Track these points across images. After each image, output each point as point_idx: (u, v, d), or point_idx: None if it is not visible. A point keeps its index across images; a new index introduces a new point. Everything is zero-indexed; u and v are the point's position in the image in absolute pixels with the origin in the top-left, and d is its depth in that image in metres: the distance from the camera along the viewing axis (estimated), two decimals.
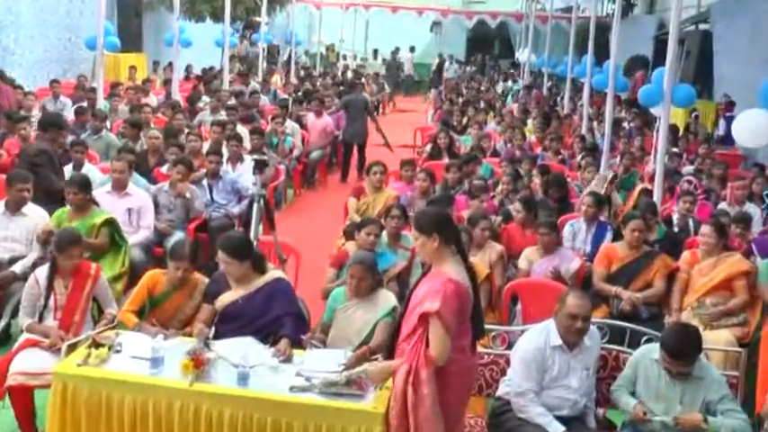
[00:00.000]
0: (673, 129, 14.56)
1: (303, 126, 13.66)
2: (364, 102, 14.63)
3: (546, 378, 4.74)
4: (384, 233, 6.75)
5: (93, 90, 13.13)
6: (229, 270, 5.25)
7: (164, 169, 8.99)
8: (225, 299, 5.27)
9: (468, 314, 4.13)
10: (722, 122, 16.25)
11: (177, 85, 15.35)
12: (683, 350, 4.58)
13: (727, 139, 14.94)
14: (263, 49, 23.11)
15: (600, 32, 15.24)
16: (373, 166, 8.59)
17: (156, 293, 5.54)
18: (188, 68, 21.15)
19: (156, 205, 7.97)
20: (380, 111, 23.46)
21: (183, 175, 8.19)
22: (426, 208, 6.18)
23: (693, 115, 16.73)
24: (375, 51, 30.59)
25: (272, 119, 12.55)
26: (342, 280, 6.03)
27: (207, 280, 5.57)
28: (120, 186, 7.63)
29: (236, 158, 9.87)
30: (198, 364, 4.52)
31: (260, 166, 6.91)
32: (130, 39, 20.34)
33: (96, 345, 4.78)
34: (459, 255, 4.13)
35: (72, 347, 4.91)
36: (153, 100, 14.78)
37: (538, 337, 4.80)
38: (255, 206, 6.72)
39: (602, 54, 14.66)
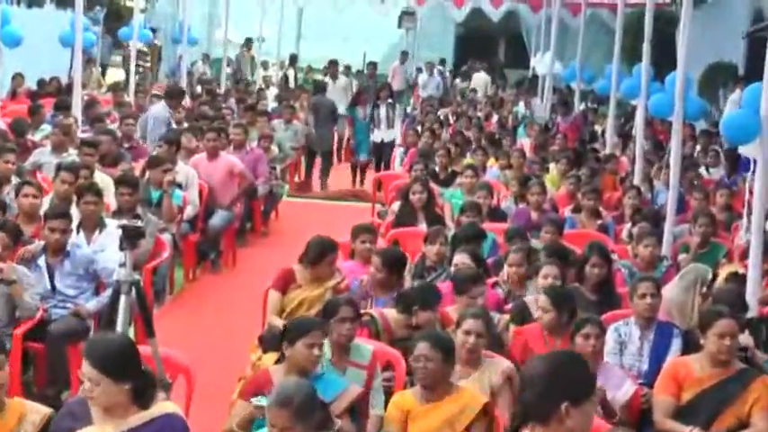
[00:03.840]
0: None
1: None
2: (331, 106, 19.53)
3: None
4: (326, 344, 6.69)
5: None
6: (95, 394, 5.10)
7: None
8: None
9: None
10: None
11: None
12: None
13: None
14: (139, 52, 23.20)
15: (662, 27, 15.49)
16: (329, 252, 8.40)
17: None
18: (16, 79, 21.10)
19: None
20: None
21: (5, 250, 8.14)
22: None
23: None
24: (347, 68, 27.98)
25: (150, 162, 12.46)
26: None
27: (44, 410, 5.52)
28: None
29: (92, 224, 9.82)
30: None
31: (131, 237, 6.85)
32: None
33: None
34: None
35: None
36: None
37: None
38: (123, 299, 6.66)
39: (665, 61, 14.90)
